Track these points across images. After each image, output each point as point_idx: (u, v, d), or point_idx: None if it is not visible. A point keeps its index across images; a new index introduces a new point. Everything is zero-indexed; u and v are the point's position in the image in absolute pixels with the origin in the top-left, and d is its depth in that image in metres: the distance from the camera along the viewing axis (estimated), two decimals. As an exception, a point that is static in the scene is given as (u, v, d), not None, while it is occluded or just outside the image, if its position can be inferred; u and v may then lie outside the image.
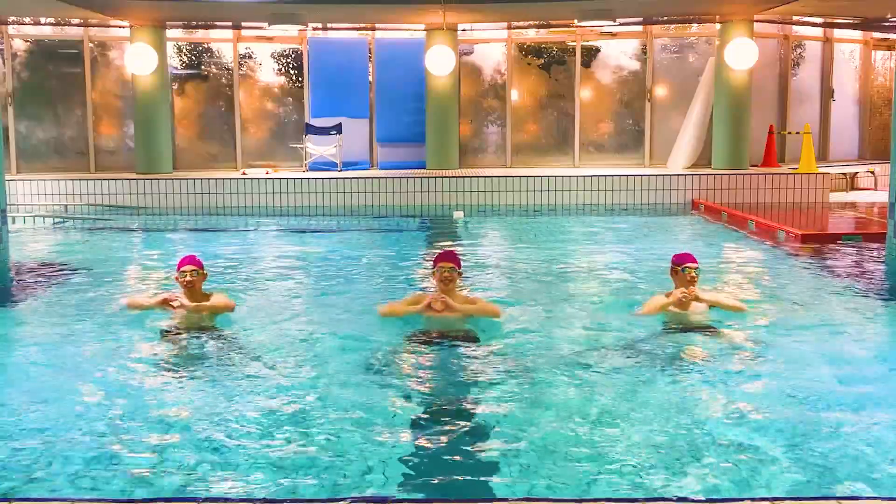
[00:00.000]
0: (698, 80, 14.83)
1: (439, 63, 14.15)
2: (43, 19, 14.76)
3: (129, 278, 8.15)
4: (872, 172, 15.13)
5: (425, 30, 14.38)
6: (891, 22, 14.64)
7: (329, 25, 15.31)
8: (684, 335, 5.48)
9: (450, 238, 10.47)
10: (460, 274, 5.94)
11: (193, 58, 15.58)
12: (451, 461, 3.64)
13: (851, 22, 14.99)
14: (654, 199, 13.04)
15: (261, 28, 14.58)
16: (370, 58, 15.39)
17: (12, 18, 14.60)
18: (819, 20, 15.08)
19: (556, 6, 13.06)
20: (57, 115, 15.25)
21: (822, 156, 15.96)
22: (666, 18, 14.86)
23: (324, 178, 13.25)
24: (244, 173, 13.88)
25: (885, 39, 16.67)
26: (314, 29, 15.15)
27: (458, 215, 12.17)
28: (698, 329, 5.60)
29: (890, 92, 16.40)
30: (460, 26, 14.55)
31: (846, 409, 4.18)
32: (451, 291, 5.79)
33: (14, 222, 10.69)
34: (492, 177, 13.30)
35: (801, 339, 5.51)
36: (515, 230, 11.36)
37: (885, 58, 16.92)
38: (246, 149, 15.51)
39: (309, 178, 13.25)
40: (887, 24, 14.90)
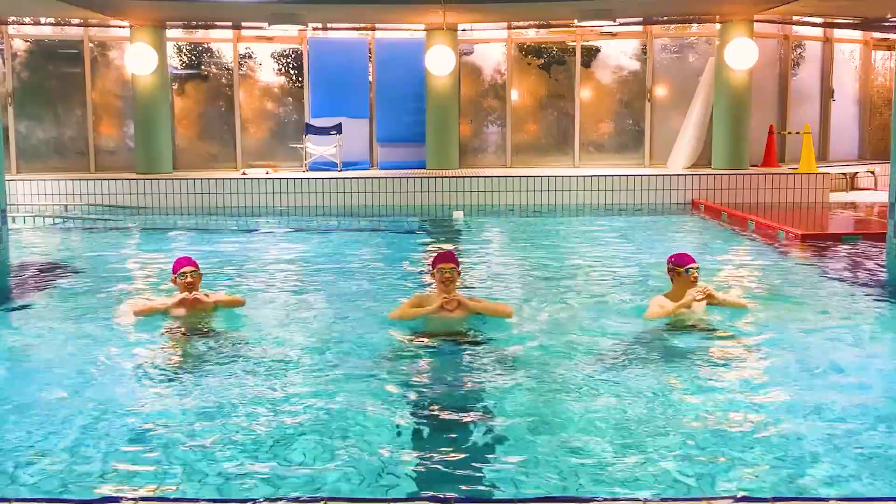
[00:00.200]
0: (698, 80, 14.83)
1: (439, 63, 14.16)
2: (43, 19, 14.77)
3: (129, 278, 8.14)
4: (872, 172, 15.14)
5: (425, 30, 14.39)
6: (891, 22, 14.64)
7: (329, 25, 15.32)
8: (685, 335, 5.48)
9: (450, 238, 10.47)
10: (459, 273, 5.96)
11: (193, 58, 15.58)
12: (451, 461, 3.64)
13: (851, 22, 14.99)
14: (654, 199, 13.05)
15: (261, 28, 14.58)
16: (370, 58, 15.39)
17: (12, 18, 14.61)
18: (819, 20, 15.08)
19: (556, 6, 13.06)
20: (57, 115, 15.25)
21: (822, 156, 15.96)
22: (666, 18, 14.86)
23: (324, 178, 13.26)
24: (244, 173, 13.88)
25: (885, 39, 16.67)
26: (314, 29, 15.15)
27: (458, 215, 12.17)
28: (699, 329, 5.61)
29: (890, 92, 16.40)
30: (460, 26, 14.56)
31: (846, 409, 4.18)
32: (451, 292, 5.79)
33: (14, 222, 10.69)
34: (492, 177, 13.31)
35: (801, 339, 5.51)
36: (515, 230, 11.36)
37: (885, 58, 16.93)
38: (246, 149, 15.52)
39: (309, 178, 13.26)
40: (887, 24, 14.90)
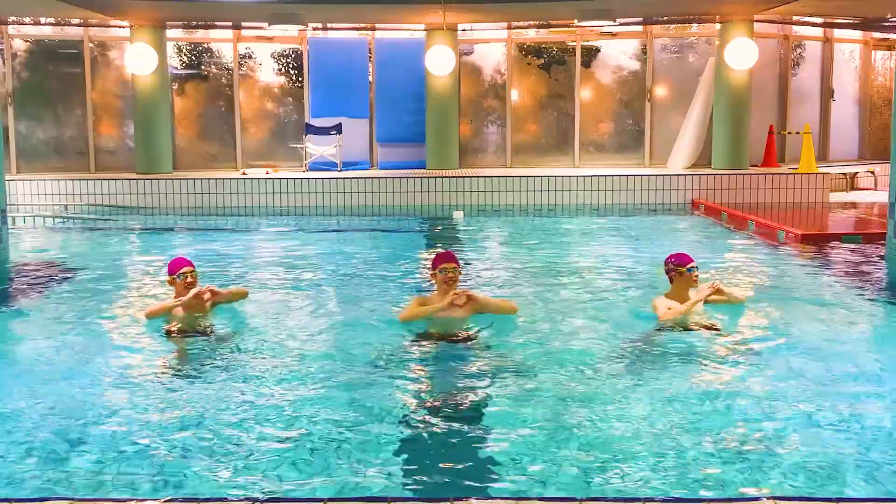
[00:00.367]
0: (698, 80, 14.83)
1: (439, 63, 14.15)
2: (43, 19, 14.76)
3: (129, 279, 8.14)
4: (872, 172, 15.13)
5: (425, 30, 14.39)
6: (891, 22, 14.64)
7: (329, 25, 15.32)
8: (686, 335, 5.48)
9: (450, 238, 10.46)
10: (460, 273, 5.98)
11: (193, 58, 15.58)
12: (452, 461, 3.64)
13: (851, 22, 14.99)
14: (654, 199, 13.04)
15: (261, 28, 14.58)
16: (370, 58, 15.39)
17: (12, 18, 14.61)
18: (819, 20, 15.08)
19: (556, 6, 13.06)
20: (57, 115, 15.25)
21: (822, 156, 15.96)
22: (666, 18, 14.86)
23: (324, 178, 13.26)
24: (244, 173, 13.88)
25: (885, 39, 16.67)
26: (314, 29, 15.15)
27: (458, 215, 12.17)
28: (699, 329, 5.60)
29: (890, 92, 16.40)
30: (460, 26, 14.56)
31: (846, 409, 4.18)
32: (450, 291, 5.79)
33: (14, 222, 10.70)
34: (492, 177, 13.30)
35: (800, 339, 5.51)
36: (515, 230, 11.36)
37: (885, 58, 16.93)
38: (246, 149, 15.52)
39: (309, 178, 13.26)
40: (887, 24, 14.90)
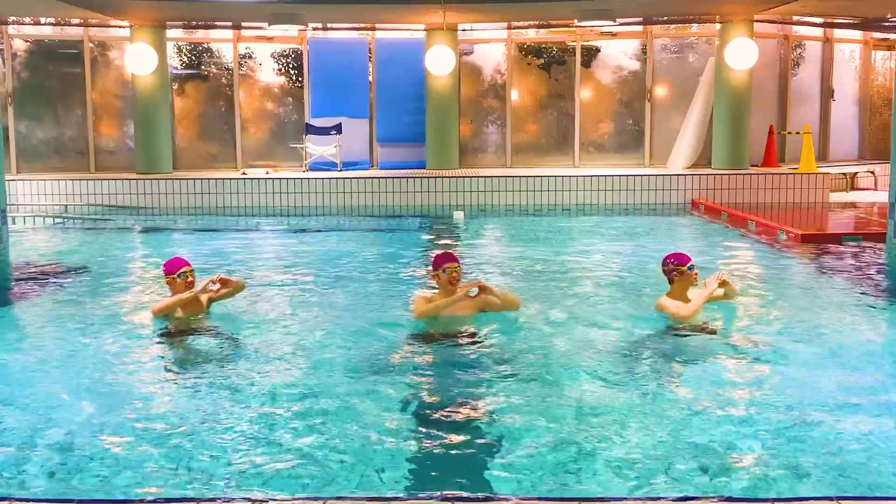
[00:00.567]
0: (698, 80, 14.83)
1: (439, 63, 14.15)
2: (43, 19, 14.76)
3: (129, 278, 8.14)
4: (872, 172, 15.13)
5: (425, 30, 14.39)
6: (891, 22, 14.64)
7: (329, 25, 15.32)
8: (687, 334, 5.48)
9: (450, 238, 10.46)
10: (461, 271, 5.99)
11: (193, 58, 15.58)
12: (452, 461, 3.64)
13: (851, 22, 14.99)
14: (654, 199, 13.04)
15: (261, 28, 14.58)
16: (370, 58, 15.39)
17: (12, 18, 14.61)
18: (819, 20, 15.08)
19: (556, 6, 13.06)
20: (57, 115, 15.25)
21: (822, 156, 15.97)
22: (666, 18, 14.86)
23: (324, 178, 13.26)
24: (244, 173, 13.88)
25: (885, 39, 16.67)
26: (314, 29, 15.15)
27: (458, 215, 12.17)
28: (700, 329, 5.60)
29: (890, 92, 16.40)
30: (460, 26, 14.56)
31: (846, 409, 4.18)
32: (454, 291, 5.81)
33: (14, 222, 10.70)
34: (492, 177, 13.30)
35: (801, 338, 5.51)
36: (516, 230, 11.36)
37: (885, 58, 16.93)
38: (246, 149, 15.52)
39: (309, 178, 13.26)
40: (887, 24, 14.90)
